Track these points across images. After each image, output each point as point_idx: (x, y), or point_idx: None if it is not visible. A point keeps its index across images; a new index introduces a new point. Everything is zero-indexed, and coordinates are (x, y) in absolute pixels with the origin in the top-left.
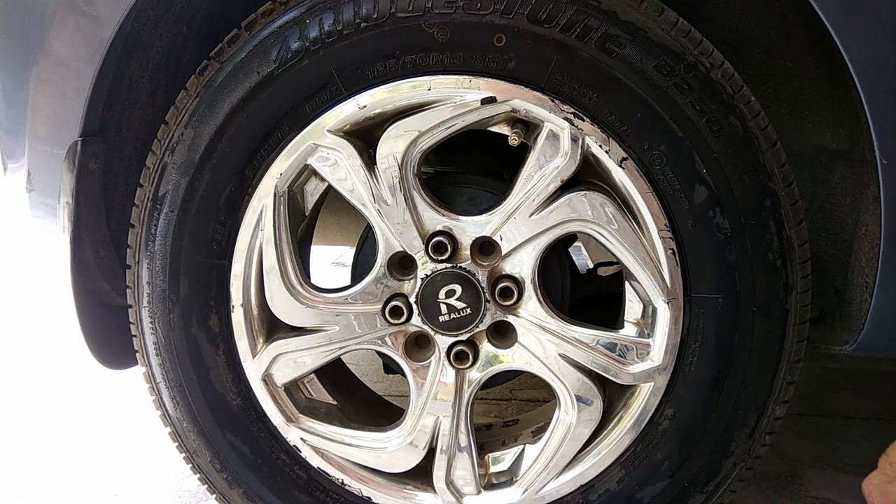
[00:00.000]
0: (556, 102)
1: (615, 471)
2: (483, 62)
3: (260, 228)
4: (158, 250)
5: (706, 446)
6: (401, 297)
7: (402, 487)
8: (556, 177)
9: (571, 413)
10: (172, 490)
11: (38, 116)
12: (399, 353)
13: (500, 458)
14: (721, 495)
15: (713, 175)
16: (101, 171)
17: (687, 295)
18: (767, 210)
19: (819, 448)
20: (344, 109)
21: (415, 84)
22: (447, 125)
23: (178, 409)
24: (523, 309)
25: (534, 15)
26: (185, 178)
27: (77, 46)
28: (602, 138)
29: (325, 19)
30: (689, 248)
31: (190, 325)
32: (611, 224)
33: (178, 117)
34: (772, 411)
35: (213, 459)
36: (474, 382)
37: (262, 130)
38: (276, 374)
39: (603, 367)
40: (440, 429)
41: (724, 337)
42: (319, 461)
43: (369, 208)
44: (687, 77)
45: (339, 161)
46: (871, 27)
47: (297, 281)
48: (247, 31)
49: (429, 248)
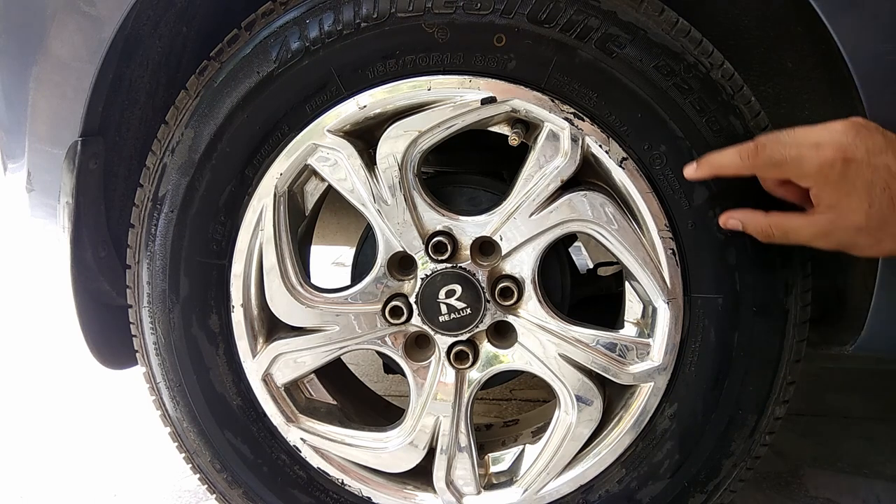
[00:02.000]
0: (556, 102)
1: (615, 471)
2: (483, 62)
3: (260, 228)
4: (158, 250)
5: (706, 446)
6: (401, 297)
7: (403, 487)
8: (556, 177)
9: (571, 413)
10: (172, 490)
11: (38, 116)
12: (399, 353)
13: (500, 458)
14: (721, 495)
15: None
16: (101, 171)
17: (687, 295)
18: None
19: (819, 448)
20: (344, 109)
21: (415, 84)
22: (447, 125)
23: (178, 409)
24: (523, 309)
25: (534, 15)
26: (185, 178)
27: (77, 46)
28: (602, 138)
29: (325, 19)
30: (689, 249)
31: (190, 325)
32: (611, 224)
33: (178, 117)
34: (772, 411)
35: (212, 459)
36: (474, 382)
37: (262, 130)
38: (276, 374)
39: (603, 367)
40: (440, 429)
41: (724, 337)
42: (319, 461)
43: (369, 208)
44: (687, 77)
45: (339, 161)
46: (871, 27)
47: (297, 281)
48: (247, 31)
49: (429, 248)
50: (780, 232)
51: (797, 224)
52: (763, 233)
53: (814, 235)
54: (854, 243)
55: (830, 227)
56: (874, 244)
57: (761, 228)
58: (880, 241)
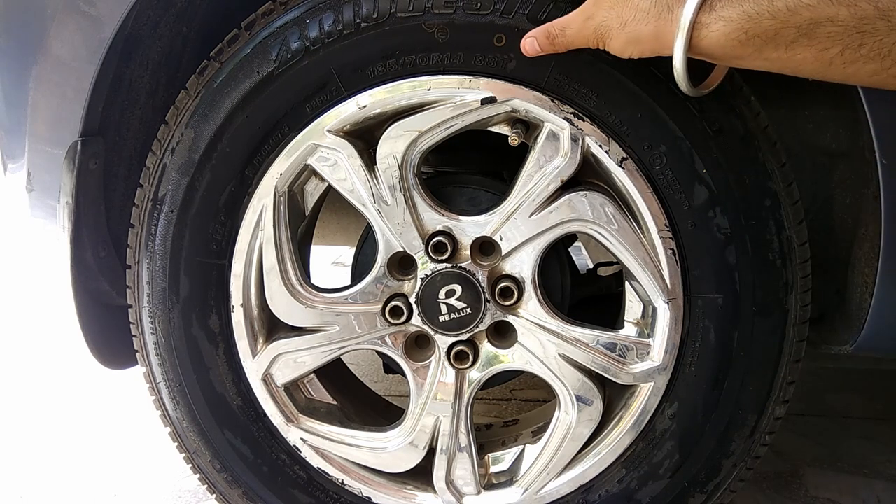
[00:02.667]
0: (556, 102)
1: (615, 471)
2: (483, 62)
3: (260, 228)
4: (158, 250)
5: (706, 446)
6: (401, 297)
7: (403, 487)
8: (556, 177)
9: (571, 413)
10: (172, 490)
11: (38, 116)
12: (399, 353)
13: (500, 458)
14: (721, 495)
15: (713, 175)
16: (101, 171)
17: (687, 295)
18: (767, 210)
19: (819, 448)
20: (344, 109)
21: (415, 84)
22: (447, 125)
23: (178, 409)
24: (523, 309)
25: (534, 15)
26: (185, 178)
27: (77, 46)
28: (602, 138)
29: (325, 19)
30: (690, 248)
31: (190, 325)
32: (611, 224)
33: (178, 117)
34: (772, 411)
35: (213, 459)
36: (474, 382)
37: (262, 130)
38: (276, 374)
39: (603, 367)
40: (440, 429)
41: (724, 337)
42: (319, 461)
43: (369, 208)
44: None
45: (339, 161)
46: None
47: (297, 281)
48: (247, 31)
49: (429, 248)
50: (559, 27)
51: (569, 16)
52: (547, 34)
53: (581, 23)
54: (606, 26)
55: (592, 8)
56: (620, 29)
57: (546, 30)
58: (625, 24)
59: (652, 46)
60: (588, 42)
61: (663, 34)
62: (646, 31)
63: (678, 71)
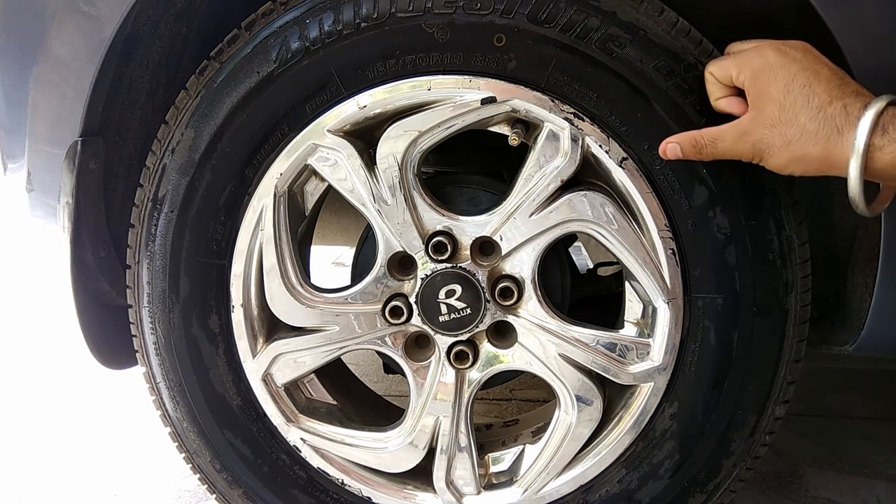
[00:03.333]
0: (556, 102)
1: (615, 471)
2: (483, 62)
3: (260, 228)
4: (158, 250)
5: (706, 446)
6: (401, 297)
7: (403, 487)
8: (556, 177)
9: (571, 413)
10: (172, 490)
11: (38, 116)
12: (399, 353)
13: (500, 458)
14: (721, 495)
15: (713, 175)
16: (101, 171)
17: (687, 295)
18: (767, 210)
19: (819, 448)
20: (344, 109)
21: (415, 84)
22: (447, 125)
23: (178, 409)
24: (523, 309)
25: (534, 15)
26: (185, 178)
27: (77, 46)
28: (602, 138)
29: (325, 19)
30: (689, 248)
31: (190, 325)
32: (611, 224)
33: (178, 117)
34: (772, 411)
35: (213, 459)
36: (474, 382)
37: (262, 130)
38: (276, 374)
39: (603, 367)
40: (440, 429)
41: (724, 337)
42: (319, 461)
43: (369, 208)
44: (687, 77)
45: (339, 161)
46: (871, 27)
47: (297, 281)
48: (247, 31)
49: (429, 248)
50: (709, 138)
51: (722, 128)
52: (695, 143)
53: (736, 138)
54: (767, 143)
55: (750, 124)
56: (783, 147)
57: (693, 139)
58: (788, 143)
59: (818, 167)
60: (742, 156)
61: (833, 156)
62: (813, 152)
63: (854, 193)
